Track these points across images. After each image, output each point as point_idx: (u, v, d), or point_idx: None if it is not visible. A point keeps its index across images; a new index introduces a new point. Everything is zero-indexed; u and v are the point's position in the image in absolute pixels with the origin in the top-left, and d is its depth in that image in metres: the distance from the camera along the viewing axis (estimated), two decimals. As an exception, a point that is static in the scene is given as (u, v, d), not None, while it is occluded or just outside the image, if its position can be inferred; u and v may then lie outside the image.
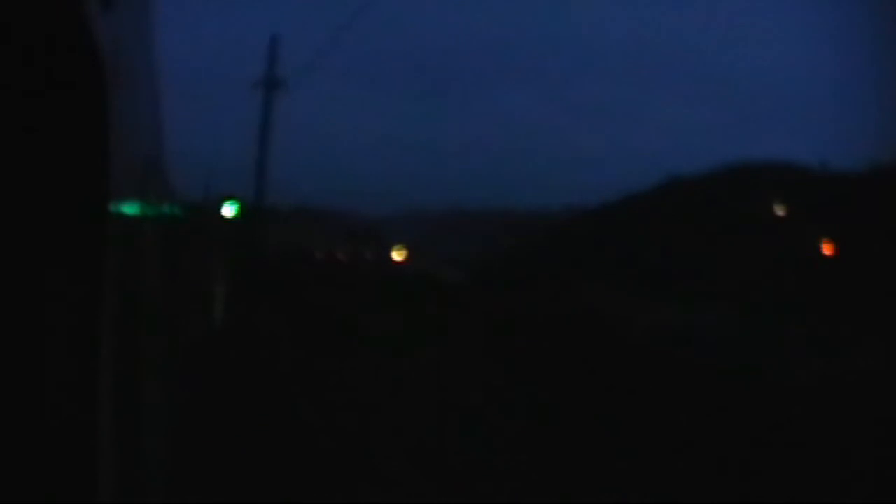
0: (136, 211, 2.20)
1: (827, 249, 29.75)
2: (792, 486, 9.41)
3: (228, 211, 21.46)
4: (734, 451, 10.70)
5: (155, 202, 2.37)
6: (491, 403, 13.82)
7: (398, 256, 50.84)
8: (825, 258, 29.45)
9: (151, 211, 2.27)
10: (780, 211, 38.58)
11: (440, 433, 11.30)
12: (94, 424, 1.81)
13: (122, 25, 2.03)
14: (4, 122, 1.69)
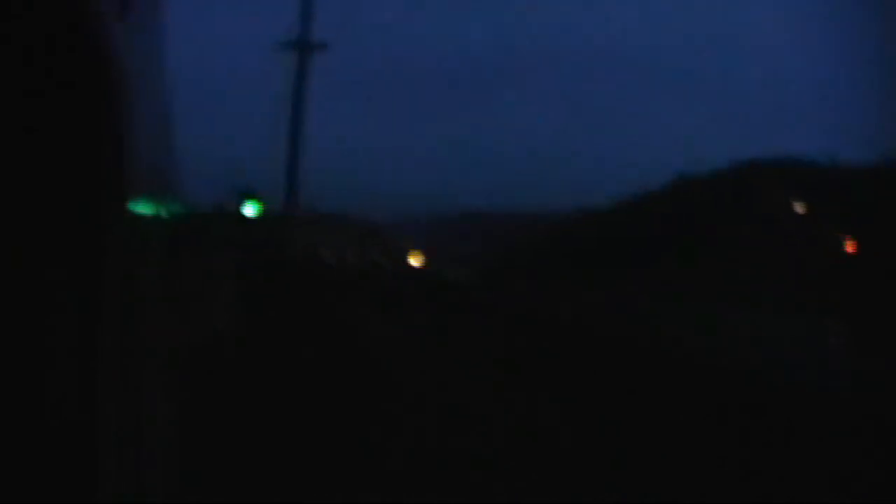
0: (145, 212, 2.23)
1: (849, 247, 29.41)
2: (817, 486, 9.29)
3: (249, 210, 20.54)
4: (757, 454, 10.56)
5: (165, 204, 2.45)
6: (498, 406, 13.72)
7: (415, 261, 50.75)
8: (848, 255, 29.13)
9: (161, 212, 2.34)
10: (798, 208, 38.20)
11: (446, 435, 11.12)
12: (94, 424, 1.83)
13: (136, 36, 2.15)
14: (21, 126, 1.77)
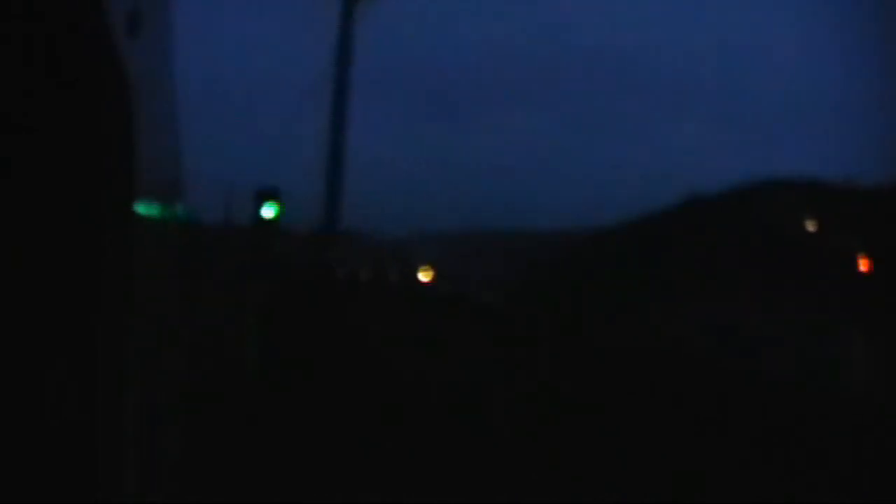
0: (152, 216, 2.28)
1: (863, 265, 29.29)
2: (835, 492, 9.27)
3: (268, 212, 18.21)
4: (778, 457, 10.55)
5: (173, 208, 2.48)
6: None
7: (424, 277, 50.24)
8: (862, 274, 29.03)
9: (168, 215, 2.38)
10: (811, 226, 38.09)
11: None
12: (94, 424, 1.83)
13: (145, 50, 2.21)
14: (22, 126, 1.80)
